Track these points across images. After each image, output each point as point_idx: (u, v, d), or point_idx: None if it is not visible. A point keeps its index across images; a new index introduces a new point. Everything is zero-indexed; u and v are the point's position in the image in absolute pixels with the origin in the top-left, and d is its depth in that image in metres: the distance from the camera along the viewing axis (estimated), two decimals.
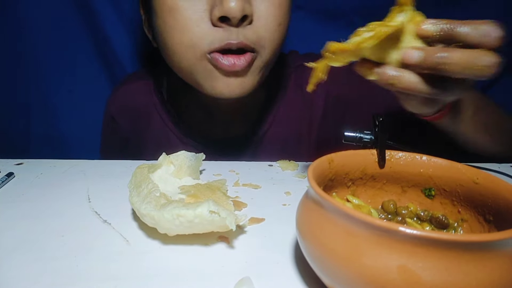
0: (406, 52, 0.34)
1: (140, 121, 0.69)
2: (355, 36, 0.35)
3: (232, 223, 0.31)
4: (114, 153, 0.73)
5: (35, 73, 0.78)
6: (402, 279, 0.21)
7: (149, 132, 0.68)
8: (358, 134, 0.41)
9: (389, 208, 0.34)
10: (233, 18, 0.46)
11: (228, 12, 0.46)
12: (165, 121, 0.66)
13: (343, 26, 0.78)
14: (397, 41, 0.35)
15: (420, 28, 0.36)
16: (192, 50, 0.50)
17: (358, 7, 0.76)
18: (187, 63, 0.52)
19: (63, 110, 0.81)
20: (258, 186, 0.47)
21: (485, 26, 0.34)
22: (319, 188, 0.25)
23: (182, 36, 0.50)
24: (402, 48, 0.35)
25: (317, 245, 0.25)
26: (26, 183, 0.47)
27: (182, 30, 0.49)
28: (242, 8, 0.46)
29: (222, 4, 0.46)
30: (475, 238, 0.21)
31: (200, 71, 0.52)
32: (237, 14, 0.46)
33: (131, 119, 0.70)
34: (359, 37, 0.35)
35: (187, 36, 0.49)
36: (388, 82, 0.35)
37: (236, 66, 0.49)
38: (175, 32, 0.50)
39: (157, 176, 0.43)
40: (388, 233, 0.21)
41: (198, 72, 0.52)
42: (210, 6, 0.48)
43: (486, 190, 0.29)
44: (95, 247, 0.33)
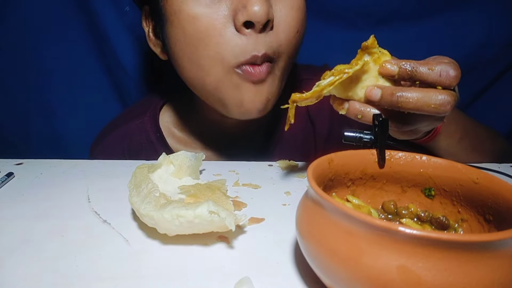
0: (368, 90, 0.39)
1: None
2: (322, 79, 0.40)
3: (232, 223, 0.31)
4: None
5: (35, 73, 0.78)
6: (402, 279, 0.21)
7: None
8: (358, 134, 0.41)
9: (390, 208, 0.34)
10: (258, 23, 0.45)
11: (253, 16, 0.44)
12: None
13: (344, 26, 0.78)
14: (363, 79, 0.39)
15: (382, 68, 0.39)
16: (219, 63, 0.48)
17: (359, 8, 0.76)
18: (213, 78, 0.49)
19: (63, 110, 0.81)
20: (258, 186, 0.47)
21: (442, 66, 0.38)
22: (319, 188, 0.25)
23: (207, 48, 0.47)
24: (366, 87, 0.39)
25: (317, 245, 0.25)
26: (26, 183, 0.47)
27: (206, 40, 0.47)
28: (267, 11, 0.45)
29: (246, 8, 0.44)
30: (475, 238, 0.21)
31: (226, 86, 0.50)
32: (262, 18, 0.44)
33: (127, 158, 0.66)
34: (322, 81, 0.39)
35: (212, 47, 0.47)
36: (356, 116, 0.39)
37: (262, 74, 0.48)
38: (198, 43, 0.47)
39: (157, 176, 0.43)
40: (388, 233, 0.21)
41: (224, 87, 0.50)
42: (232, 11, 0.46)
43: (486, 190, 0.29)
44: (95, 247, 0.33)
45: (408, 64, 0.38)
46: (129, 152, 0.64)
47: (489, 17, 0.76)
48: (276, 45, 0.48)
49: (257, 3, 0.44)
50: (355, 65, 0.38)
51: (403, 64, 0.38)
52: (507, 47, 0.77)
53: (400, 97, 0.37)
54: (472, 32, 0.76)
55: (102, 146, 0.65)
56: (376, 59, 0.39)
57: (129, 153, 0.64)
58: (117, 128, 0.66)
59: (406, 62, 0.38)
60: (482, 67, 0.78)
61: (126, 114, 0.70)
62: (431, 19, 0.76)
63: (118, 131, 0.65)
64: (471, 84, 0.80)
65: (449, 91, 0.37)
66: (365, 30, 0.77)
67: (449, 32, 0.77)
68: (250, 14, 0.44)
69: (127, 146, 0.64)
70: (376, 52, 0.39)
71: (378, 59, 0.39)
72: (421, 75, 0.38)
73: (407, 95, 0.37)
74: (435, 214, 0.33)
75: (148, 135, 0.63)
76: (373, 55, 0.39)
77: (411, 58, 0.85)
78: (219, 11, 0.46)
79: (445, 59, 0.40)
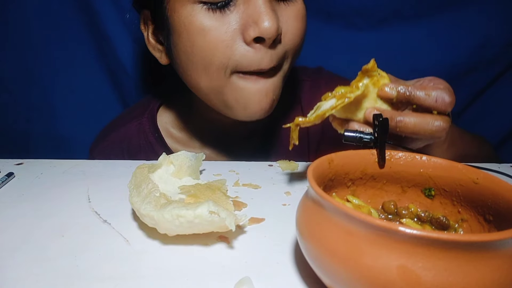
0: (367, 112, 0.41)
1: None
2: (323, 100, 0.42)
3: (232, 223, 0.31)
4: None
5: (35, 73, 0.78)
6: (402, 279, 0.21)
7: None
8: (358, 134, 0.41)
9: (390, 208, 0.34)
10: (269, 39, 0.45)
11: (264, 33, 0.45)
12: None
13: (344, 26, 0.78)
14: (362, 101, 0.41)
15: (381, 92, 0.41)
16: (223, 70, 0.48)
17: (358, 8, 0.76)
18: (218, 83, 0.50)
19: (63, 110, 0.81)
20: (258, 186, 0.47)
21: (438, 92, 0.40)
22: (319, 188, 0.25)
23: (213, 58, 0.48)
24: (366, 108, 0.41)
25: (317, 245, 0.25)
26: (26, 183, 0.47)
27: (213, 51, 0.47)
28: (277, 27, 0.45)
29: (257, 24, 0.45)
30: (475, 238, 0.21)
31: (232, 89, 0.50)
32: (273, 34, 0.45)
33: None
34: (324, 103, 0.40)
35: (219, 58, 0.47)
36: None
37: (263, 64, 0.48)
38: (205, 54, 0.48)
39: (157, 176, 0.43)
40: (388, 233, 0.21)
41: (230, 91, 0.50)
42: (242, 25, 0.46)
43: (486, 190, 0.29)
44: (95, 247, 0.33)
45: (405, 88, 0.40)
46: (128, 153, 0.65)
47: (489, 17, 0.76)
48: (283, 55, 0.50)
49: (268, 19, 0.44)
50: (355, 87, 0.40)
51: (401, 88, 0.41)
52: (507, 47, 0.77)
53: (399, 122, 0.39)
54: (472, 32, 0.76)
55: (101, 147, 0.65)
56: (375, 82, 0.41)
57: (128, 154, 0.65)
58: (116, 130, 0.66)
59: (404, 87, 0.41)
60: (482, 67, 0.78)
61: (124, 115, 0.70)
62: (431, 19, 0.76)
63: (116, 132, 0.66)
64: (471, 84, 0.80)
65: (444, 117, 0.40)
66: (365, 30, 0.77)
67: (449, 32, 0.77)
68: (262, 31, 0.45)
69: (126, 147, 0.64)
70: (375, 75, 0.41)
71: (377, 82, 0.41)
72: (418, 99, 0.40)
73: (406, 120, 0.39)
74: (435, 214, 0.33)
75: (147, 136, 0.63)
76: (372, 78, 0.41)
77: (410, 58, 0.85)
78: (228, 25, 0.46)
79: (441, 84, 0.42)
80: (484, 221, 0.29)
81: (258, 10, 0.45)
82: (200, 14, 0.47)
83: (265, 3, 0.45)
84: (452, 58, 0.78)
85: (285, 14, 0.48)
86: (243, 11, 0.46)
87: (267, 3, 0.45)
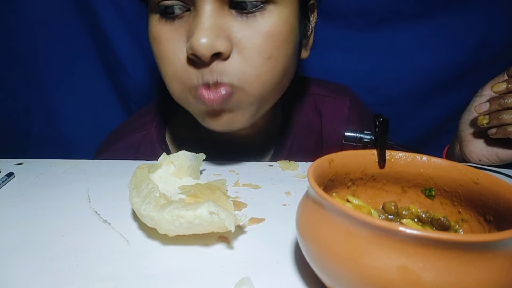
0: None
1: None
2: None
3: (232, 224, 0.31)
4: None
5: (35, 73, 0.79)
6: (402, 279, 0.21)
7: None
8: (358, 134, 0.41)
9: (390, 209, 0.34)
10: (202, 56, 0.42)
11: (195, 50, 0.42)
12: None
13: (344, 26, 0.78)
14: None
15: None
16: (176, 82, 0.47)
17: (359, 8, 0.76)
18: (176, 95, 0.49)
19: (63, 110, 0.81)
20: (258, 186, 0.47)
21: None
22: (319, 188, 0.25)
23: (167, 68, 0.47)
24: None
25: (317, 245, 0.25)
26: (26, 183, 0.47)
27: (166, 61, 0.46)
28: (211, 46, 0.41)
29: (191, 40, 0.42)
30: (475, 238, 0.21)
31: (186, 104, 0.49)
32: (206, 52, 0.41)
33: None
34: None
35: (171, 69, 0.46)
36: None
37: (214, 102, 0.45)
38: (160, 62, 0.48)
39: (157, 176, 0.43)
40: (388, 233, 0.21)
41: (185, 104, 0.50)
42: (187, 37, 0.44)
43: (487, 190, 0.29)
44: (95, 247, 0.33)
45: None
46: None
47: (489, 17, 0.76)
48: (237, 73, 0.45)
49: (201, 36, 0.41)
50: None
51: None
52: (507, 47, 0.77)
53: None
54: (472, 32, 0.76)
55: (108, 154, 0.64)
56: None
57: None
58: (124, 137, 0.65)
59: None
60: (482, 67, 0.78)
61: (132, 122, 0.68)
62: (431, 19, 0.76)
63: (124, 140, 0.64)
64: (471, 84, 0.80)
65: None
66: (365, 30, 0.77)
67: (449, 32, 0.77)
68: (193, 47, 0.42)
69: (133, 157, 0.62)
70: None
71: None
72: None
73: None
74: (435, 215, 0.33)
75: (154, 147, 0.62)
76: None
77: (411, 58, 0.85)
78: (177, 36, 0.45)
79: None
80: (485, 221, 0.29)
81: (196, 24, 0.42)
82: (156, 23, 0.47)
83: (208, 18, 0.42)
84: (452, 58, 0.78)
85: (244, 30, 0.44)
86: (189, 24, 0.44)
87: (209, 18, 0.42)
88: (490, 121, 0.53)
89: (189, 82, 0.46)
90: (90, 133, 0.81)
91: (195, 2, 0.43)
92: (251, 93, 0.46)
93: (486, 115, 0.53)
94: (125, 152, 0.63)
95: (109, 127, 0.71)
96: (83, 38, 0.77)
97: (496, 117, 0.52)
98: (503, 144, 0.54)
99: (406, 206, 0.34)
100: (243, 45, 0.44)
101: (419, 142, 0.86)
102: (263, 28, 0.44)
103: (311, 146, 0.65)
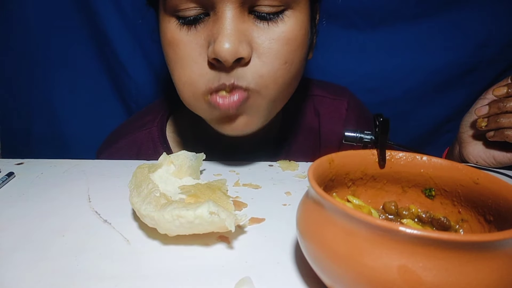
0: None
1: None
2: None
3: (232, 224, 0.31)
4: None
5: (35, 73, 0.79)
6: (402, 279, 0.21)
7: None
8: (358, 134, 0.41)
9: (390, 209, 0.34)
10: (225, 61, 0.43)
11: (219, 56, 0.42)
12: None
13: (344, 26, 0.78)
14: None
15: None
16: (190, 88, 0.47)
17: (358, 8, 0.76)
18: (188, 100, 0.50)
19: (64, 110, 0.81)
20: (259, 186, 0.47)
21: None
22: (319, 188, 0.25)
23: (182, 72, 0.47)
24: None
25: (317, 245, 0.25)
26: (26, 183, 0.47)
27: (181, 65, 0.47)
28: (235, 51, 0.42)
29: (214, 44, 0.42)
30: (475, 238, 0.21)
31: (199, 110, 0.50)
32: (229, 58, 0.42)
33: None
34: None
35: (186, 73, 0.46)
36: None
37: (230, 108, 0.46)
38: (175, 67, 0.48)
39: (157, 176, 0.43)
40: (388, 233, 0.21)
41: (197, 111, 0.51)
42: (208, 42, 0.44)
43: (487, 190, 0.29)
44: (95, 247, 0.33)
45: None
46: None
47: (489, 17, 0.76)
48: (254, 77, 0.45)
49: (225, 41, 0.42)
50: None
51: None
52: (507, 47, 0.77)
53: None
54: (472, 32, 0.76)
55: (110, 152, 0.64)
56: None
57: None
58: (126, 136, 0.65)
59: None
60: (482, 67, 0.78)
61: (134, 121, 0.68)
62: (431, 19, 0.76)
63: (126, 139, 0.64)
64: (471, 84, 0.80)
65: None
66: (365, 30, 0.77)
67: (449, 32, 0.77)
68: (217, 53, 0.42)
69: (135, 155, 0.63)
70: None
71: None
72: None
73: None
74: (435, 214, 0.33)
75: (156, 146, 0.63)
76: None
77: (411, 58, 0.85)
78: (196, 40, 0.45)
79: None
80: (485, 221, 0.29)
81: (218, 29, 0.42)
82: (172, 27, 0.46)
83: (230, 24, 0.42)
84: (452, 58, 0.78)
85: (264, 35, 0.45)
86: (210, 29, 0.44)
87: (231, 23, 0.42)
88: (489, 124, 0.53)
89: (204, 86, 0.46)
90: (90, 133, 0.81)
91: (215, 7, 0.43)
92: (266, 96, 0.47)
93: (485, 118, 0.54)
94: (127, 151, 0.63)
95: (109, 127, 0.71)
96: (83, 38, 0.77)
97: (494, 120, 0.53)
98: (500, 147, 0.55)
99: (406, 206, 0.34)
100: (262, 50, 0.45)
101: (419, 142, 0.86)
102: (282, 33, 0.45)
103: (310, 146, 0.65)
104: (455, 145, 0.63)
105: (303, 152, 0.64)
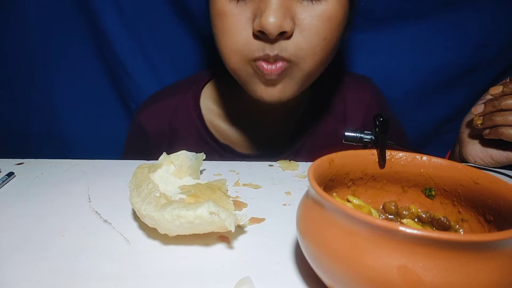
0: None
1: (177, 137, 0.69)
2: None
3: (232, 224, 0.31)
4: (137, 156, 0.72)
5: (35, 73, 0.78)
6: (402, 279, 0.21)
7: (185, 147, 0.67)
8: (358, 134, 0.41)
9: (390, 209, 0.34)
10: (270, 34, 0.47)
11: (265, 29, 0.46)
12: (203, 137, 0.67)
13: None
14: None
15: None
16: (236, 55, 0.52)
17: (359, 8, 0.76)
18: (232, 66, 0.54)
19: (63, 110, 0.81)
20: (259, 186, 0.47)
21: None
22: (319, 188, 0.25)
23: (228, 41, 0.51)
24: None
25: (317, 245, 0.25)
26: (26, 183, 0.47)
27: (229, 35, 0.51)
28: (280, 25, 0.46)
29: (261, 18, 0.46)
30: (475, 238, 0.21)
31: (243, 74, 0.54)
32: (274, 31, 0.46)
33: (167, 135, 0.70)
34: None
35: (232, 41, 0.51)
36: None
37: (272, 74, 0.50)
38: (222, 36, 0.52)
39: (157, 176, 0.43)
40: (388, 233, 0.21)
41: (241, 75, 0.54)
42: (253, 15, 0.48)
43: (487, 190, 0.29)
44: (95, 247, 0.33)
45: None
46: (170, 125, 0.68)
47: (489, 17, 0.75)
48: (295, 49, 0.50)
49: (271, 15, 0.45)
50: None
51: None
52: (507, 47, 0.77)
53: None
54: (472, 32, 0.76)
55: (148, 112, 0.70)
56: None
57: (170, 126, 0.68)
58: (162, 100, 0.70)
59: None
60: (482, 67, 0.78)
61: (172, 88, 0.74)
62: (431, 19, 0.76)
63: (163, 102, 0.70)
64: (471, 84, 0.80)
65: None
66: (365, 30, 0.77)
67: (449, 32, 0.76)
68: (262, 26, 0.46)
69: (169, 118, 0.68)
70: None
71: None
72: None
73: None
74: (436, 215, 0.33)
75: (189, 111, 0.67)
76: None
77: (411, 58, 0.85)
78: (244, 12, 0.49)
79: None
80: (485, 221, 0.29)
81: (265, 4, 0.46)
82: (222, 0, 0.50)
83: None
84: (452, 58, 0.78)
85: (306, 12, 0.49)
86: (257, 3, 0.48)
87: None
88: (484, 122, 0.54)
89: (249, 54, 0.50)
90: (90, 133, 0.81)
91: None
92: (303, 68, 0.52)
93: (481, 116, 0.55)
94: (163, 113, 0.69)
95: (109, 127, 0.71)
96: (83, 38, 0.77)
97: (489, 118, 0.54)
98: (497, 146, 0.55)
99: (406, 206, 0.34)
100: (304, 26, 0.49)
101: (419, 142, 0.86)
102: (324, 11, 0.49)
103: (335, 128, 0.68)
104: (456, 145, 0.63)
105: (326, 135, 0.68)
